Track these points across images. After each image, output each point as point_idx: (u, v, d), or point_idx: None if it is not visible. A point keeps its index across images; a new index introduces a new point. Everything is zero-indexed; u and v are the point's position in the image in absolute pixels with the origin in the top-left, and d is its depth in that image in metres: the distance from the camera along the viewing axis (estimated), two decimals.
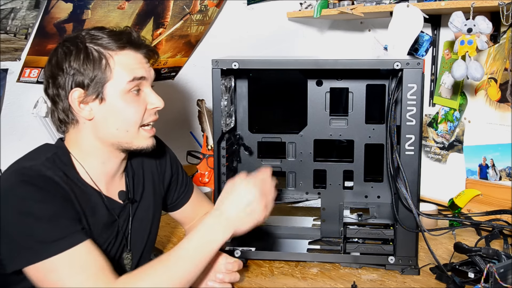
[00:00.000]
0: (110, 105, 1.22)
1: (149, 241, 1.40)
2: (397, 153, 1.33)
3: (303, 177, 1.57)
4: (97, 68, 1.21)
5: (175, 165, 1.49)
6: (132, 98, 1.23)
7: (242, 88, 1.56)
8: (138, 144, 1.26)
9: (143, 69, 1.25)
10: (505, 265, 1.13)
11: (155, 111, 1.28)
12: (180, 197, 1.51)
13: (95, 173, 1.26)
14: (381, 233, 1.41)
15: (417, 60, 1.32)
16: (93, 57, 1.21)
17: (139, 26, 1.80)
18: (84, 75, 1.21)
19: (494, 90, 1.82)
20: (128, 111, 1.23)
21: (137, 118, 1.24)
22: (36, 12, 1.55)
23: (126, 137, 1.24)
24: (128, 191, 1.34)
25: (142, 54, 1.26)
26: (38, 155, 1.23)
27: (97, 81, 1.21)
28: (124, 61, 1.23)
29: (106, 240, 1.26)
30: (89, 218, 1.20)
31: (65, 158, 1.24)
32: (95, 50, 1.21)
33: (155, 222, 1.42)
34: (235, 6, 2.05)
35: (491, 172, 1.85)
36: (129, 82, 1.22)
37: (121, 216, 1.31)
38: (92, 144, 1.25)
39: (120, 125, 1.23)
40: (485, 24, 1.54)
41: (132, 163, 1.37)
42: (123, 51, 1.23)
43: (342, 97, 1.53)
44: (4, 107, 1.71)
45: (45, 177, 1.15)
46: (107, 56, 1.21)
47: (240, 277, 1.36)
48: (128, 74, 1.22)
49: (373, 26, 2.20)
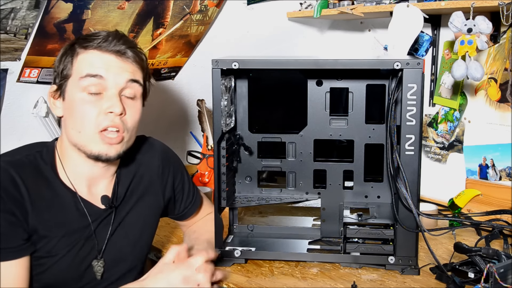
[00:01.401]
0: (67, 103, 1.22)
1: (138, 250, 1.37)
2: (397, 153, 1.33)
3: (303, 177, 1.57)
4: (64, 64, 1.22)
5: (179, 176, 1.46)
6: (87, 98, 1.19)
7: (242, 88, 1.56)
8: (91, 149, 1.21)
9: (103, 69, 1.20)
10: (505, 265, 1.13)
11: (113, 116, 1.20)
12: (188, 207, 1.50)
13: (73, 175, 1.25)
14: (381, 233, 1.40)
15: (417, 60, 1.32)
16: (66, 54, 1.23)
17: (139, 26, 1.80)
18: (57, 70, 1.23)
19: (494, 90, 1.82)
20: (79, 110, 1.20)
21: (89, 119, 1.19)
22: (36, 12, 1.55)
23: (79, 138, 1.21)
24: (113, 197, 1.31)
25: (113, 56, 1.21)
26: (20, 152, 1.24)
27: (62, 77, 1.22)
28: (86, 59, 1.21)
29: (72, 243, 1.23)
30: (49, 221, 1.19)
31: (48, 157, 1.24)
32: (73, 48, 1.23)
33: (147, 231, 1.39)
34: (235, 6, 2.05)
35: (491, 172, 1.85)
36: (81, 78, 1.19)
37: (99, 222, 1.27)
38: (66, 145, 1.25)
39: (74, 125, 1.21)
40: (485, 24, 1.54)
41: (127, 169, 1.35)
42: (89, 50, 1.21)
43: (342, 97, 1.53)
44: (4, 107, 1.71)
45: (7, 176, 1.15)
46: (75, 53, 1.21)
47: (240, 277, 1.37)
48: (83, 71, 1.20)
49: (373, 26, 2.20)
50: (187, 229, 1.56)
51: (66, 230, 1.22)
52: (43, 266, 1.20)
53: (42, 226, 1.18)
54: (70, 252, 1.22)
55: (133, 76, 1.24)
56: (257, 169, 1.59)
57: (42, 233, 1.18)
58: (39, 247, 1.19)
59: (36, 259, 1.19)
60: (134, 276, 1.35)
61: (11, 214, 1.14)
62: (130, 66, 1.24)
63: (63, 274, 1.22)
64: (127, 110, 1.23)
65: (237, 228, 1.61)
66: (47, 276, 1.21)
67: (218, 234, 1.43)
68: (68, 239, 1.22)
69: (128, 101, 1.24)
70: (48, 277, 1.21)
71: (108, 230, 1.29)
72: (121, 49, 1.22)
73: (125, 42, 1.24)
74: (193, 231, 1.53)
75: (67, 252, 1.22)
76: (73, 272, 1.24)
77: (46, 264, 1.20)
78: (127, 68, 1.23)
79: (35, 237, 1.18)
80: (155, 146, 1.44)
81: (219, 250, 1.44)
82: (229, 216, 1.59)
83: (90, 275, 1.27)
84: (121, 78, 1.22)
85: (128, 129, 1.24)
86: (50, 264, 1.21)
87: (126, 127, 1.23)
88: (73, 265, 1.23)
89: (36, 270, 1.20)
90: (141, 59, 1.27)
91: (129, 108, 1.24)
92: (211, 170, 1.95)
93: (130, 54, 1.24)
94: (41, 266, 1.20)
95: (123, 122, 1.22)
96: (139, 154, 1.39)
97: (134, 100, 1.26)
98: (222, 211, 1.46)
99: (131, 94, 1.24)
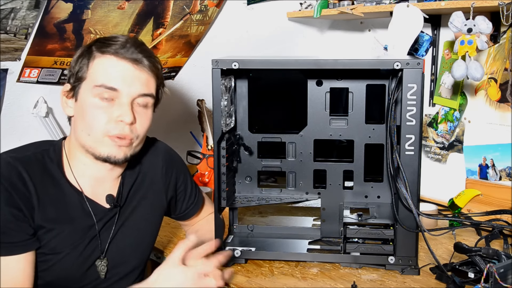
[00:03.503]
0: (79, 104, 1.23)
1: (141, 249, 1.37)
2: (397, 153, 1.33)
3: (303, 177, 1.57)
4: (79, 65, 1.22)
5: (182, 177, 1.47)
6: (99, 104, 1.20)
7: (242, 88, 1.56)
8: (100, 151, 1.21)
9: (119, 80, 1.20)
10: (505, 265, 1.13)
11: (124, 125, 1.21)
12: (189, 208, 1.51)
13: (79, 174, 1.26)
14: (381, 233, 1.40)
15: (417, 60, 1.32)
16: (83, 56, 1.23)
17: (139, 26, 1.80)
18: (73, 71, 1.24)
19: (494, 90, 1.82)
20: (90, 114, 1.20)
21: (98, 125, 1.20)
22: (36, 12, 1.55)
23: (88, 141, 1.22)
24: (118, 196, 1.32)
25: (130, 64, 1.21)
26: (28, 149, 1.25)
27: (77, 79, 1.22)
28: (102, 65, 1.21)
29: (76, 241, 1.24)
30: (54, 218, 1.20)
31: (55, 156, 1.25)
32: (90, 50, 1.23)
33: (150, 231, 1.39)
34: (235, 6, 2.05)
35: (491, 172, 1.85)
36: (95, 87, 1.20)
37: (103, 221, 1.28)
38: (74, 144, 1.26)
39: (84, 127, 1.22)
40: (485, 24, 1.54)
41: (131, 170, 1.36)
42: (106, 55, 1.21)
43: (342, 97, 1.53)
44: (4, 107, 1.71)
45: (14, 171, 1.16)
46: (92, 56, 1.22)
47: (240, 277, 1.37)
48: (98, 78, 1.20)
49: (373, 26, 2.20)
50: (189, 229, 1.57)
51: (71, 228, 1.23)
52: (47, 263, 1.21)
53: (47, 223, 1.19)
54: (74, 251, 1.23)
55: (147, 90, 1.25)
56: (257, 169, 1.59)
57: (47, 229, 1.19)
58: (44, 244, 1.20)
59: (40, 255, 1.20)
60: (136, 276, 1.36)
61: (18, 209, 1.15)
62: (145, 75, 1.24)
63: (66, 272, 1.23)
64: (138, 118, 1.24)
65: (237, 228, 1.61)
66: (50, 273, 1.22)
67: (218, 234, 1.44)
68: (73, 237, 1.23)
69: (139, 109, 1.25)
70: (51, 274, 1.22)
71: (111, 229, 1.30)
72: (138, 58, 1.23)
73: (142, 50, 1.24)
74: (195, 231, 1.53)
75: (71, 250, 1.22)
76: (76, 270, 1.24)
77: (50, 261, 1.21)
78: (141, 78, 1.23)
79: (40, 233, 1.19)
80: (159, 147, 1.45)
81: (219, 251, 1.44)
82: (229, 216, 1.59)
83: (93, 275, 1.27)
84: (135, 89, 1.22)
85: (138, 136, 1.26)
86: (54, 261, 1.21)
87: (135, 134, 1.25)
88: (77, 263, 1.24)
89: (39, 267, 1.21)
90: (156, 68, 1.28)
91: (140, 116, 1.25)
92: (211, 170, 1.95)
93: (146, 63, 1.24)
94: (45, 263, 1.21)
95: (132, 130, 1.23)
96: (143, 155, 1.40)
97: (145, 108, 1.27)
98: (222, 211, 1.46)
99: (143, 103, 1.25)
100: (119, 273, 1.32)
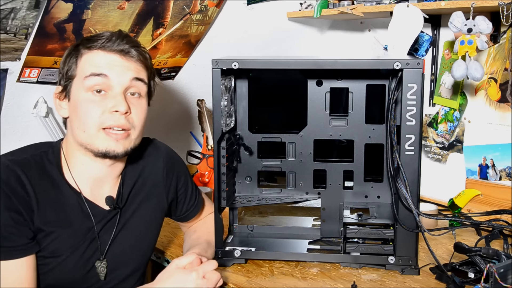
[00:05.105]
0: (72, 103, 1.23)
1: (141, 251, 1.37)
2: (397, 153, 1.33)
3: (303, 177, 1.57)
4: (68, 65, 1.22)
5: (183, 179, 1.46)
6: (92, 98, 1.20)
7: (242, 88, 1.56)
8: (98, 147, 1.21)
9: (108, 68, 1.20)
10: (505, 265, 1.13)
11: (119, 115, 1.21)
12: (190, 210, 1.50)
13: (78, 175, 1.25)
14: (381, 233, 1.41)
15: (417, 60, 1.32)
16: (70, 55, 1.23)
17: (139, 26, 1.80)
18: (62, 72, 1.24)
19: (494, 90, 1.82)
20: (83, 109, 1.20)
21: (93, 119, 1.20)
22: (36, 12, 1.55)
23: (85, 138, 1.21)
24: (118, 198, 1.31)
25: (117, 55, 1.22)
26: (26, 151, 1.24)
27: (67, 78, 1.22)
28: (90, 59, 1.21)
29: (76, 244, 1.23)
30: (53, 221, 1.19)
31: (53, 157, 1.25)
32: (77, 49, 1.23)
33: (150, 233, 1.39)
34: (235, 6, 2.05)
35: (491, 172, 1.85)
36: (86, 77, 1.20)
37: (103, 223, 1.28)
38: (72, 145, 1.25)
39: (79, 125, 1.21)
40: (485, 24, 1.54)
41: (132, 171, 1.35)
42: (93, 50, 1.22)
43: (342, 97, 1.53)
44: (4, 107, 1.71)
45: (13, 175, 1.15)
46: (79, 54, 1.22)
47: (240, 277, 1.37)
48: (87, 70, 1.20)
49: (373, 26, 2.20)
50: (187, 230, 1.56)
51: (70, 231, 1.22)
52: (47, 266, 1.20)
53: (46, 226, 1.18)
54: (74, 253, 1.23)
55: (137, 75, 1.24)
56: (257, 169, 1.59)
57: (46, 232, 1.19)
58: (43, 247, 1.19)
59: (40, 259, 1.19)
60: (137, 278, 1.36)
61: (18, 213, 1.14)
62: (134, 65, 1.24)
63: (66, 275, 1.22)
64: (132, 109, 1.24)
65: (237, 228, 1.61)
66: (50, 276, 1.21)
67: (218, 234, 1.44)
68: (72, 240, 1.22)
69: (133, 99, 1.25)
70: (51, 277, 1.21)
71: (112, 231, 1.29)
72: (125, 48, 1.23)
73: (128, 41, 1.24)
74: (193, 231, 1.53)
75: (71, 253, 1.22)
76: (77, 273, 1.24)
77: (50, 264, 1.21)
78: (131, 67, 1.23)
79: (39, 236, 1.18)
80: (160, 149, 1.44)
81: (219, 251, 1.44)
82: (229, 216, 1.59)
83: (94, 277, 1.27)
84: (125, 77, 1.22)
85: (135, 127, 1.25)
86: (54, 264, 1.21)
87: (132, 125, 1.24)
88: (77, 266, 1.23)
89: (39, 270, 1.20)
90: (145, 58, 1.27)
91: (134, 107, 1.24)
92: (211, 170, 1.95)
93: (134, 53, 1.24)
94: (45, 266, 1.20)
95: (128, 120, 1.23)
96: (144, 156, 1.39)
97: (139, 98, 1.26)
98: (222, 211, 1.46)
99: (135, 92, 1.25)
100: (119, 275, 1.31)
